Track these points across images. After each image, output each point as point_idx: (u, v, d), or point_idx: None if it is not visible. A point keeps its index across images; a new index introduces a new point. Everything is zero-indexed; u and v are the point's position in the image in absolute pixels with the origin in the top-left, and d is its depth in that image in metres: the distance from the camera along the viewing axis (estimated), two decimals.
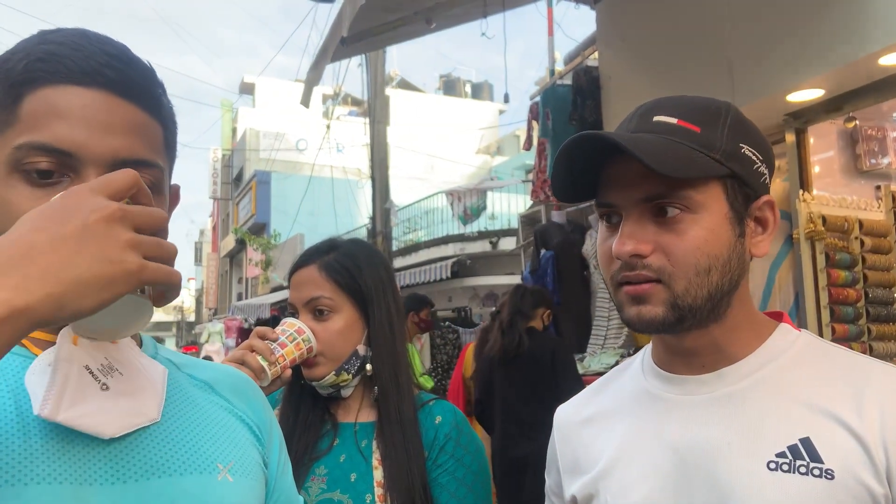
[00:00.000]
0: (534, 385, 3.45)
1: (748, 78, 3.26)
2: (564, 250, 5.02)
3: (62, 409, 0.62)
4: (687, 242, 0.79)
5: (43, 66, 0.65)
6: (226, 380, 0.85)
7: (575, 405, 1.03)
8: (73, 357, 0.65)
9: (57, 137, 0.64)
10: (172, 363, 0.81)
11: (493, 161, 25.61)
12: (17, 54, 0.67)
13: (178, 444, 0.71)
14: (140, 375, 0.70)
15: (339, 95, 13.96)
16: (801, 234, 3.21)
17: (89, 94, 0.66)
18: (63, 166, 0.65)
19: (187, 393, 0.78)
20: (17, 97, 0.65)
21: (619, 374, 1.01)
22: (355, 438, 1.34)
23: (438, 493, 1.29)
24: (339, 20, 3.74)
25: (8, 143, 0.65)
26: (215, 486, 0.71)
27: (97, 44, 0.68)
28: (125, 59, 0.69)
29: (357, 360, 1.36)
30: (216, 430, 0.76)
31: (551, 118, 4.62)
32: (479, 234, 11.11)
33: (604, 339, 4.61)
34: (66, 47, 0.67)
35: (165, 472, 0.68)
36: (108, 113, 0.66)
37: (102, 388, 0.66)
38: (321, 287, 1.35)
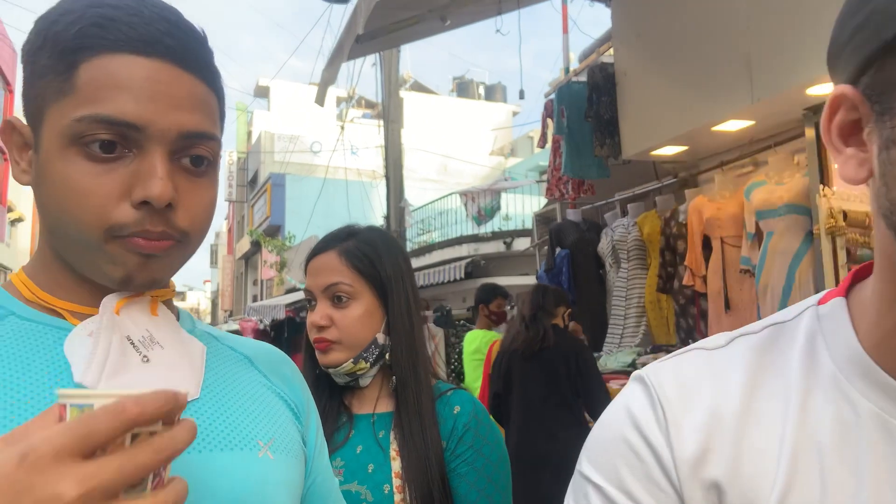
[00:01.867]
0: (556, 383, 3.43)
1: (767, 72, 3.22)
2: (580, 249, 4.99)
3: (103, 377, 0.61)
4: None
5: (99, 31, 0.62)
6: (265, 356, 0.83)
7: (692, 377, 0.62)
8: (115, 326, 0.65)
9: (122, 110, 0.61)
10: (213, 336, 0.80)
11: (506, 162, 25.58)
12: (65, 16, 0.63)
13: (217, 419, 0.69)
14: (180, 351, 0.70)
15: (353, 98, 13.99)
16: (822, 230, 3.17)
17: (151, 64, 0.63)
18: (126, 140, 0.62)
19: (227, 367, 0.76)
20: (72, 64, 0.62)
21: (773, 339, 0.62)
22: (373, 429, 1.32)
23: (457, 483, 1.28)
24: (355, 18, 3.75)
25: (65, 113, 0.62)
26: (256, 462, 0.70)
27: (154, 8, 0.65)
28: (184, 26, 0.66)
29: (376, 348, 1.34)
30: (256, 407, 0.75)
31: (566, 115, 4.60)
32: (493, 235, 11.10)
33: (620, 338, 4.58)
34: (123, 12, 0.63)
35: (206, 448, 0.66)
36: (171, 85, 0.63)
37: (143, 360, 0.65)
38: (341, 273, 1.34)
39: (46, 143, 0.64)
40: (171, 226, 0.65)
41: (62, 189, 0.63)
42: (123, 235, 0.63)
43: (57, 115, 0.63)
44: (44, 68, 0.64)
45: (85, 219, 0.62)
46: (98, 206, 0.62)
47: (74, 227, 0.63)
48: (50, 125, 0.63)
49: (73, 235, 0.64)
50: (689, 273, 4.06)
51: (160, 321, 0.70)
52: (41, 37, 0.64)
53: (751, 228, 3.69)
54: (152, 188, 0.62)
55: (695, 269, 4.02)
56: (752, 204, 3.65)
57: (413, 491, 1.24)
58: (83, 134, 0.61)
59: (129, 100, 0.62)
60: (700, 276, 4.02)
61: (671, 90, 3.81)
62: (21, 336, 0.64)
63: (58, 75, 0.63)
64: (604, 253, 4.90)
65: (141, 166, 0.63)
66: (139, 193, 0.62)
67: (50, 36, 0.63)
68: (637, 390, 0.61)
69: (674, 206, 4.38)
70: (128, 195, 0.63)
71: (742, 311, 3.81)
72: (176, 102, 0.64)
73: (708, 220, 3.95)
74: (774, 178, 3.63)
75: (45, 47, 0.64)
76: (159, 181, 0.62)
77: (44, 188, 0.65)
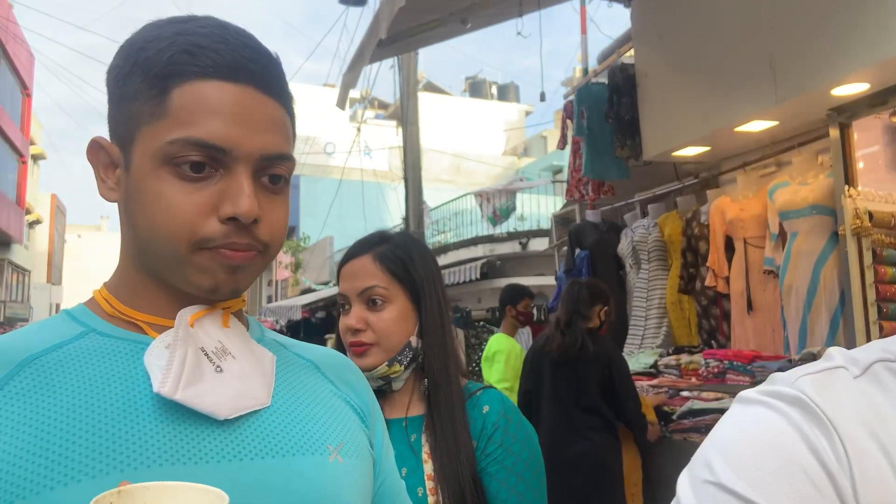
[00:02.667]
0: (589, 390, 3.42)
1: (790, 72, 3.21)
2: (599, 250, 4.99)
3: (180, 387, 0.64)
4: None
5: (190, 59, 0.66)
6: (330, 361, 0.86)
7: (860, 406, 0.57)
8: (189, 339, 0.68)
9: (211, 134, 0.65)
10: (280, 344, 0.82)
11: (519, 162, 25.55)
12: (154, 43, 0.67)
13: (289, 425, 0.71)
14: (251, 360, 0.72)
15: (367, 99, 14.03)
16: (847, 231, 3.16)
17: (236, 89, 0.67)
18: (214, 161, 0.66)
19: (296, 374, 0.78)
20: (164, 89, 0.66)
21: None
22: (406, 433, 1.33)
23: (488, 482, 1.28)
24: (377, 22, 3.77)
25: (159, 135, 0.66)
26: (327, 467, 0.71)
27: (237, 36, 0.69)
28: (264, 53, 0.70)
29: (409, 351, 1.35)
30: (325, 412, 0.77)
31: (586, 116, 4.60)
32: (509, 235, 11.09)
33: (641, 339, 4.58)
34: (210, 40, 0.67)
35: (279, 453, 0.68)
36: (254, 109, 0.68)
37: (217, 370, 0.68)
38: (375, 277, 1.35)
39: (138, 162, 0.68)
40: (255, 238, 0.69)
41: (154, 205, 0.67)
42: (210, 247, 0.67)
43: (149, 137, 0.67)
44: (135, 92, 0.67)
45: (175, 232, 0.66)
46: (187, 222, 0.66)
47: (165, 241, 0.67)
48: (142, 146, 0.67)
49: (163, 248, 0.68)
50: (711, 274, 4.05)
51: (231, 332, 0.73)
52: (130, 62, 0.68)
53: (774, 229, 3.68)
54: (241, 205, 0.66)
55: (717, 270, 4.01)
56: (775, 205, 3.64)
57: (446, 492, 1.25)
58: (175, 155, 0.66)
59: (219, 124, 0.66)
60: (723, 278, 4.01)
61: (693, 91, 3.81)
62: (101, 352, 0.68)
63: (150, 99, 0.67)
64: (624, 254, 4.89)
65: (228, 185, 0.67)
66: (228, 210, 0.66)
67: (140, 61, 0.67)
68: (798, 415, 0.54)
69: (695, 207, 4.37)
70: (215, 211, 0.67)
71: (765, 312, 3.80)
72: (259, 126, 0.68)
73: (731, 221, 3.94)
74: (798, 179, 3.61)
75: (134, 72, 0.67)
76: (247, 199, 0.67)
77: (135, 204, 0.69)
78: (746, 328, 3.88)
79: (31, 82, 22.76)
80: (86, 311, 0.72)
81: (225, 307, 0.74)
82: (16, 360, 0.65)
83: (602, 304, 3.58)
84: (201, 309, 0.71)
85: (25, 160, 22.23)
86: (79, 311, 0.73)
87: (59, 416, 0.62)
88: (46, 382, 0.64)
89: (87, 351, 0.68)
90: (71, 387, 0.64)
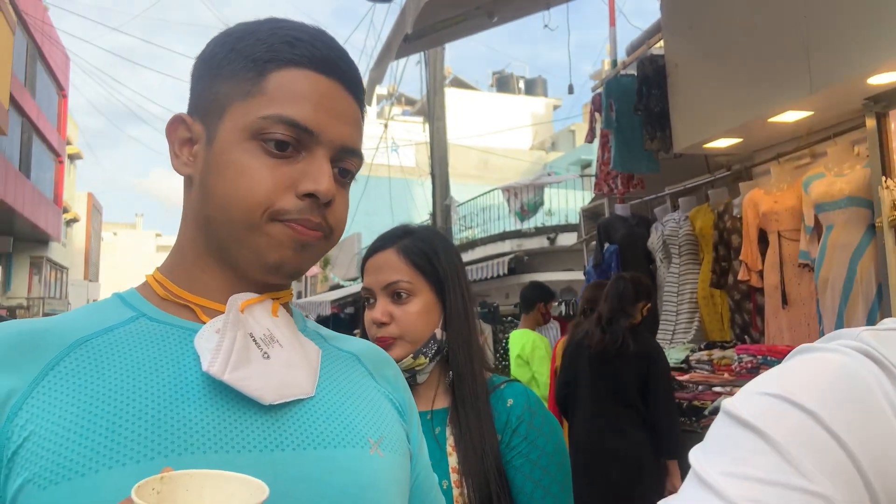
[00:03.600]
0: (625, 385, 3.39)
1: (825, 61, 3.14)
2: (629, 244, 4.94)
3: (228, 369, 0.65)
4: None
5: (289, 48, 0.71)
6: (370, 355, 0.87)
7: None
8: (239, 324, 0.70)
9: (303, 115, 0.69)
10: (320, 336, 0.84)
11: (547, 157, 25.41)
12: (253, 34, 0.72)
13: (331, 417, 0.72)
14: (298, 350, 0.74)
15: (394, 95, 14.07)
16: (885, 222, 3.08)
17: (327, 82, 0.72)
18: (299, 142, 0.70)
19: (339, 367, 0.80)
20: (262, 72, 0.70)
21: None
22: (430, 425, 1.33)
23: (513, 475, 1.29)
24: (403, 17, 3.77)
25: (252, 111, 0.70)
26: (368, 460, 0.72)
27: (328, 38, 0.74)
28: (349, 57, 0.76)
29: (434, 343, 1.36)
30: (366, 405, 0.78)
31: (615, 109, 4.55)
32: (537, 230, 11.05)
33: (672, 334, 4.53)
34: (308, 35, 0.73)
35: (320, 444, 0.69)
36: (340, 102, 0.73)
37: (264, 356, 0.69)
38: (400, 271, 1.36)
39: (224, 136, 0.71)
40: (325, 219, 0.73)
41: (236, 175, 0.69)
42: (285, 220, 0.70)
43: (241, 112, 0.70)
44: (231, 73, 0.72)
45: (252, 200, 0.69)
46: (266, 192, 0.69)
47: (241, 210, 0.69)
48: (232, 120, 0.71)
49: (237, 217, 0.70)
50: (744, 268, 3.98)
51: (280, 322, 0.74)
52: (227, 48, 0.73)
53: (809, 222, 3.61)
54: (322, 183, 0.70)
55: (751, 263, 3.94)
56: (810, 197, 3.56)
57: (471, 485, 1.25)
58: (265, 129, 0.69)
59: (309, 107, 0.70)
60: (756, 271, 3.94)
61: (725, 81, 3.74)
62: (150, 337, 0.70)
63: (247, 80, 0.71)
64: (654, 248, 4.84)
65: (309, 165, 0.71)
66: (308, 186, 0.70)
67: (240, 48, 0.72)
68: (868, 362, 0.51)
69: (727, 200, 4.30)
70: (293, 188, 0.70)
71: (800, 306, 3.73)
72: (342, 118, 0.73)
73: (764, 214, 3.86)
74: (834, 170, 3.53)
75: (232, 57, 0.72)
76: (327, 178, 0.71)
77: (215, 175, 0.71)
78: (781, 323, 3.81)
79: (67, 83, 23.25)
80: (137, 296, 0.74)
81: (275, 297, 0.76)
82: (67, 341, 0.66)
83: (646, 299, 3.53)
84: (253, 296, 0.73)
85: (62, 160, 22.74)
86: (130, 296, 0.74)
87: (107, 398, 0.63)
88: (96, 365, 0.66)
89: (137, 335, 0.69)
90: (119, 370, 0.66)
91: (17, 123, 17.69)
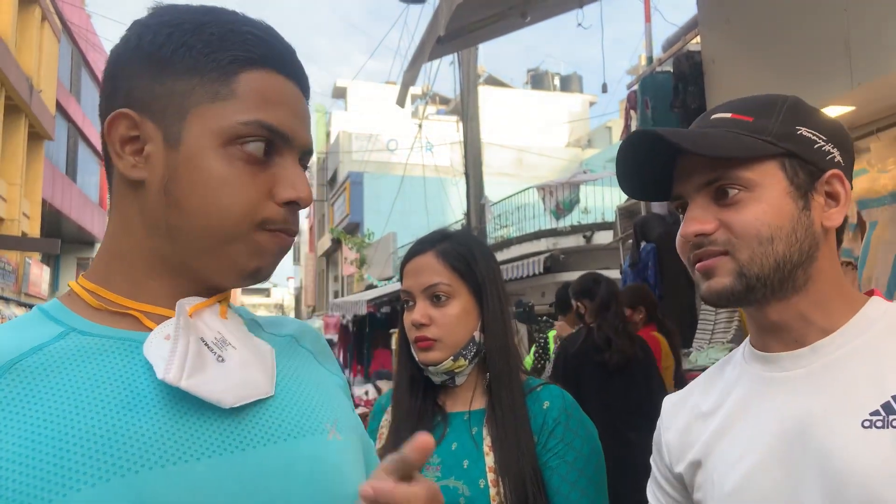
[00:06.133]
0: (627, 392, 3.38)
1: (866, 56, 3.06)
2: (666, 242, 4.88)
3: (185, 375, 0.63)
4: (746, 215, 0.86)
5: (251, 47, 0.69)
6: (304, 333, 0.86)
7: (682, 395, 1.06)
8: (190, 328, 0.68)
9: (279, 120, 0.69)
10: (257, 324, 0.82)
11: (583, 154, 25.18)
12: (203, 28, 0.68)
13: (287, 409, 0.72)
14: (252, 350, 0.72)
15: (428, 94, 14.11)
16: None
17: (289, 84, 0.72)
18: (272, 147, 0.70)
19: (285, 357, 0.78)
20: (229, 72, 0.68)
21: (723, 364, 1.04)
22: (468, 426, 1.35)
23: (549, 476, 1.29)
24: (436, 19, 3.79)
25: (226, 115, 0.67)
26: (327, 445, 0.73)
27: (278, 35, 0.73)
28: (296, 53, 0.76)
29: (473, 346, 1.38)
30: (317, 391, 0.77)
31: (651, 106, 4.50)
32: (573, 229, 10.95)
33: (711, 334, 4.46)
34: (262, 31, 0.71)
35: (281, 438, 0.69)
36: (302, 104, 0.73)
37: (218, 359, 0.68)
38: (439, 273, 1.38)
39: (193, 140, 0.67)
40: (297, 224, 0.74)
41: (217, 184, 0.67)
42: (270, 229, 0.70)
43: (211, 115, 0.68)
44: (185, 69, 0.68)
45: (238, 211, 0.68)
46: (251, 203, 0.68)
47: (224, 221, 0.68)
48: (200, 123, 0.68)
49: (216, 228, 0.68)
50: None
51: (230, 324, 0.73)
52: (175, 41, 0.68)
53: (852, 219, 3.53)
54: (303, 190, 0.71)
55: None
56: (853, 193, 3.49)
57: (507, 484, 1.26)
58: (244, 135, 0.68)
59: (286, 113, 0.70)
60: None
61: (763, 76, 3.68)
62: (86, 353, 0.65)
63: (212, 81, 0.68)
64: None
65: (284, 171, 0.71)
66: (289, 193, 0.70)
67: (191, 43, 0.68)
68: None
69: None
70: (271, 195, 0.70)
71: None
72: (306, 123, 0.74)
73: None
74: (877, 166, 3.44)
75: (183, 53, 0.67)
76: (307, 184, 0.71)
77: (185, 184, 0.67)
78: None
79: None
80: (62, 309, 0.69)
81: (221, 299, 0.74)
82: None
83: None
84: (200, 300, 0.71)
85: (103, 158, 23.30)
86: (55, 309, 0.69)
87: (51, 423, 0.59)
88: (31, 389, 0.61)
89: (71, 352, 0.65)
90: (59, 392, 0.61)
91: (63, 129, 18.23)
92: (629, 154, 0.93)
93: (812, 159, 0.88)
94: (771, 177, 0.87)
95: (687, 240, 0.89)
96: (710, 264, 0.88)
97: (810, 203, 0.88)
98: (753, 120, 0.89)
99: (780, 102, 0.92)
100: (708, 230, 0.87)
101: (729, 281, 0.86)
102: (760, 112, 0.90)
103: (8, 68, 12.82)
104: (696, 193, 0.90)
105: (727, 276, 0.87)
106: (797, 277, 0.87)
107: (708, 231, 0.87)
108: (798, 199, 0.87)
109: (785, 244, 0.86)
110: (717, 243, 0.87)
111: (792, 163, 0.87)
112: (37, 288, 14.60)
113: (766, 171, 0.87)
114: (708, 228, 0.87)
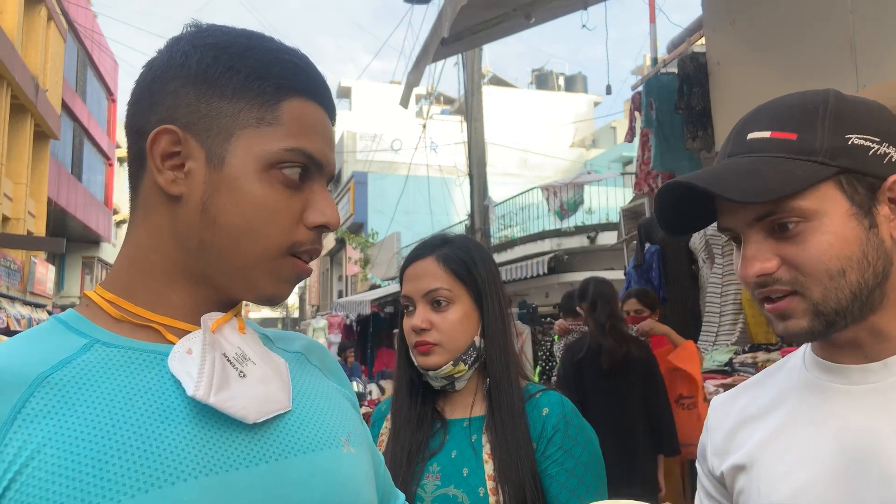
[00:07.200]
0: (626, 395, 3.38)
1: (872, 58, 3.05)
2: (670, 244, 4.87)
3: (213, 392, 0.65)
4: (810, 251, 0.78)
5: (294, 76, 0.72)
6: (312, 349, 0.88)
7: (732, 394, 1.01)
8: (214, 345, 0.69)
9: (316, 149, 0.72)
10: (268, 338, 0.84)
11: (588, 154, 25.16)
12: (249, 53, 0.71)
13: (305, 423, 0.74)
14: (270, 366, 0.74)
15: (432, 95, 14.11)
16: None
17: (324, 114, 0.75)
18: (307, 173, 0.73)
19: (298, 372, 0.80)
20: (275, 99, 0.71)
21: (779, 367, 0.98)
22: (468, 433, 1.35)
23: (548, 484, 1.29)
24: (440, 21, 3.79)
25: (271, 141, 0.70)
26: (343, 458, 0.75)
27: (314, 65, 0.76)
28: None
29: (473, 350, 1.37)
30: (329, 406, 0.80)
31: (655, 108, 4.50)
32: (577, 229, 10.94)
33: (715, 336, 4.45)
34: (301, 61, 0.74)
35: (301, 451, 0.71)
36: (332, 133, 0.77)
37: (240, 375, 0.70)
38: (440, 278, 1.37)
39: (237, 161, 0.69)
40: (322, 246, 0.76)
41: (257, 207, 0.69)
42: (296, 253, 0.73)
43: (256, 140, 0.70)
44: (233, 93, 0.70)
45: (273, 233, 0.70)
46: (287, 226, 0.71)
47: (255, 242, 0.70)
48: (245, 146, 0.70)
49: (249, 249, 0.70)
50: None
51: (248, 339, 0.75)
52: (221, 64, 0.70)
53: None
54: (332, 215, 0.74)
55: None
56: None
57: (507, 492, 1.26)
58: (285, 161, 0.70)
59: (321, 141, 0.73)
60: None
61: (769, 78, 3.66)
62: (114, 365, 0.66)
63: (258, 106, 0.70)
64: (696, 248, 4.76)
65: (314, 196, 0.74)
66: (318, 218, 0.73)
67: (237, 67, 0.70)
68: None
69: None
70: (301, 219, 0.72)
71: None
72: (333, 149, 0.77)
73: None
74: None
75: (230, 77, 0.70)
76: (336, 211, 0.74)
77: (226, 202, 0.69)
78: None
79: (116, 88, 23.92)
80: (81, 319, 0.70)
81: (237, 313, 0.76)
82: (26, 379, 0.62)
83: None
84: (221, 316, 0.73)
85: (112, 163, 23.41)
86: (73, 319, 0.70)
87: (89, 435, 0.61)
88: (66, 401, 0.62)
89: (99, 364, 0.66)
90: (94, 404, 0.63)
91: (68, 128, 18.29)
92: (668, 202, 0.87)
93: (870, 170, 0.79)
94: (830, 201, 0.78)
95: (744, 281, 0.83)
96: (782, 307, 0.81)
97: (876, 219, 0.79)
98: (797, 137, 0.79)
99: (822, 108, 0.81)
100: (769, 269, 0.80)
101: (807, 322, 0.79)
102: (802, 125, 0.80)
103: (14, 68, 12.86)
104: (748, 229, 0.81)
105: (803, 318, 0.79)
106: (874, 298, 0.80)
107: (769, 270, 0.80)
108: (862, 219, 0.78)
109: (858, 272, 0.78)
110: (782, 282, 0.79)
111: (849, 179, 0.78)
112: (42, 287, 14.65)
113: (823, 196, 0.78)
114: (769, 267, 0.80)
